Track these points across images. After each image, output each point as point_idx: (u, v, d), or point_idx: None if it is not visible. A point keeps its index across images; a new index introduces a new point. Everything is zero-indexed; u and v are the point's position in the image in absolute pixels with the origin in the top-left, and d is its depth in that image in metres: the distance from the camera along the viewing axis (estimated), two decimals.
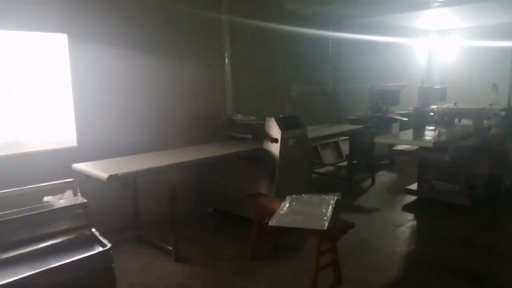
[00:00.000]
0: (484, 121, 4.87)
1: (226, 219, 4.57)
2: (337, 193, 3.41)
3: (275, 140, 4.13)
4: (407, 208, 4.91)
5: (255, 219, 3.63)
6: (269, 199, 3.68)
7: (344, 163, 7.03)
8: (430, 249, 3.77)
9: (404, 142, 4.54)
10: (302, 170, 4.39)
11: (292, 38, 6.48)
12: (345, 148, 7.11)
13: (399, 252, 3.75)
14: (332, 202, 3.26)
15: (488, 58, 8.88)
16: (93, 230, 2.67)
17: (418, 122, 5.17)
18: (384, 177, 6.35)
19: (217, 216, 4.73)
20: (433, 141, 4.02)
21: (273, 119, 4.20)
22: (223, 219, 4.60)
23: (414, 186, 5.19)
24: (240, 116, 4.92)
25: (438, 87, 8.04)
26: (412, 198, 5.17)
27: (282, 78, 6.53)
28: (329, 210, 3.07)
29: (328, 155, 7.16)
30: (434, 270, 3.35)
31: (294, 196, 3.45)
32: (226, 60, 5.34)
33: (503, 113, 4.91)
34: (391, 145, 4.76)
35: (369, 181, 6.02)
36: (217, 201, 4.80)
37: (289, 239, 3.76)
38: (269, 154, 4.18)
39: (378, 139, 4.76)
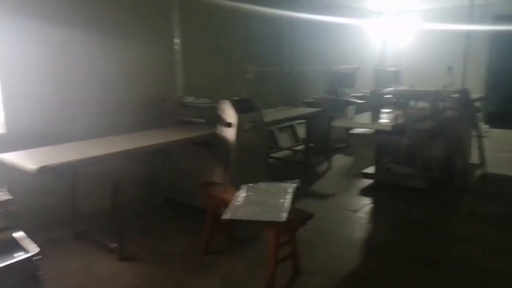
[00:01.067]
0: (439, 104, 4.87)
1: (178, 210, 4.27)
2: (296, 181, 3.22)
3: (230, 125, 3.86)
4: (364, 192, 4.85)
5: (208, 210, 3.37)
6: (224, 188, 3.42)
7: (301, 147, 6.93)
8: (388, 234, 3.71)
9: (363, 126, 4.44)
10: (259, 156, 4.16)
11: (247, 17, 6.16)
12: (301, 131, 6.99)
13: (357, 239, 3.65)
14: (290, 190, 3.06)
15: (443, 40, 9.05)
16: (17, 233, 2.29)
17: (374, 105, 5.09)
18: (340, 160, 6.29)
19: (168, 207, 4.41)
20: (391, 124, 3.92)
21: (227, 102, 3.91)
22: (175, 210, 4.29)
23: (370, 170, 5.14)
24: (191, 98, 4.58)
25: (392, 69, 8.10)
26: (369, 181, 5.12)
27: (237, 59, 6.22)
28: (287, 200, 2.86)
29: (284, 139, 7.00)
30: (393, 257, 3.27)
31: (251, 185, 3.21)
32: (176, 39, 4.94)
33: (457, 95, 4.93)
34: (348, 128, 4.64)
35: (325, 165, 5.93)
36: (168, 191, 4.48)
37: (245, 230, 3.54)
38: (223, 140, 3.90)
39: (336, 123, 4.63)
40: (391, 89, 5.28)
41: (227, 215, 2.73)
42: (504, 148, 6.51)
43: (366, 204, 4.47)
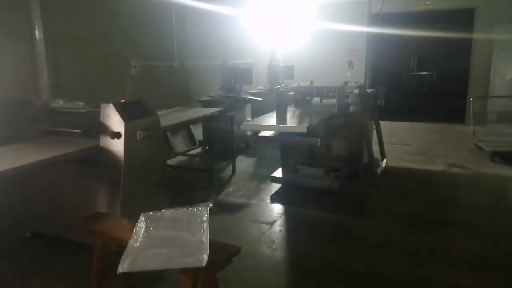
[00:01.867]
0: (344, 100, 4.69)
1: (51, 248, 3.29)
2: (209, 202, 2.58)
3: (117, 135, 3.03)
4: (275, 198, 4.43)
5: (95, 250, 2.53)
6: (114, 220, 2.62)
7: (199, 151, 6.30)
8: (310, 249, 3.32)
9: (277, 128, 3.97)
10: (156, 173, 3.40)
11: (131, 3, 5.26)
12: (197, 132, 6.36)
13: (279, 259, 3.18)
14: (205, 217, 2.42)
15: (329, 37, 9.22)
16: None
17: (279, 103, 4.71)
18: (243, 162, 5.81)
19: (38, 243, 3.38)
20: (307, 126, 3.54)
21: (111, 105, 3.07)
22: (47, 248, 3.29)
23: (278, 173, 4.76)
24: (62, 102, 3.59)
25: (285, 65, 7.91)
26: (278, 185, 4.74)
27: (120, 52, 5.28)
28: (204, 232, 2.22)
29: (179, 143, 6.28)
30: (323, 277, 2.87)
31: (151, 213, 2.48)
32: (36, 28, 3.86)
33: (357, 90, 4.82)
34: (256, 131, 4.16)
35: (229, 170, 5.39)
36: (37, 223, 3.44)
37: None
38: (109, 155, 3.06)
39: (245, 126, 4.08)
40: (294, 85, 4.96)
41: (124, 267, 1.97)
42: (391, 140, 6.78)
43: (280, 213, 4.05)
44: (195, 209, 2.51)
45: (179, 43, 6.34)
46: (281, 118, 4.27)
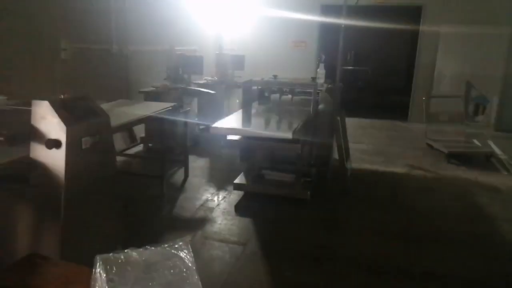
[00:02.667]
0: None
1: None
2: (187, 237, 1.97)
3: (56, 144, 2.26)
4: (242, 210, 3.88)
5: None
6: (54, 267, 1.90)
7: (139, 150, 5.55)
8: (295, 276, 2.85)
9: (258, 134, 3.37)
10: (108, 192, 2.66)
11: None
12: (137, 128, 5.55)
13: None
14: (187, 259, 1.81)
15: (279, 27, 8.77)
16: None
17: (246, 100, 4.15)
18: (195, 163, 5.16)
19: None
20: (292, 131, 3.03)
21: (47, 103, 2.28)
22: None
23: (241, 179, 4.20)
24: None
25: (235, 54, 7.33)
26: (241, 193, 4.20)
27: (46, 29, 4.32)
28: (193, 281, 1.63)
29: (116, 140, 5.43)
30: None
31: (111, 255, 1.80)
32: None
33: (328, 86, 4.44)
34: (225, 134, 3.56)
35: (181, 173, 4.72)
36: None
37: None
38: (44, 170, 2.28)
39: (216, 129, 3.43)
40: (258, 79, 4.42)
41: None
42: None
43: (251, 230, 3.51)
44: (171, 248, 1.89)
45: (118, 24, 5.43)
46: (256, 121, 3.71)
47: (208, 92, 5.63)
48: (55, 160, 2.29)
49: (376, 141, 6.88)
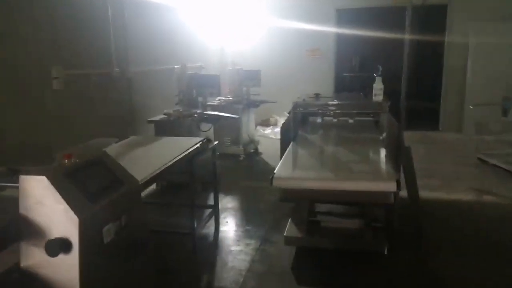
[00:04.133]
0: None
1: None
2: None
3: (63, 246, 1.37)
4: (304, 277, 2.96)
5: None
6: None
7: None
8: None
9: (346, 184, 2.42)
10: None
11: None
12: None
13: None
14: None
15: (290, 37, 7.96)
16: None
17: (293, 130, 3.28)
18: (223, 203, 4.26)
19: None
20: (396, 180, 2.18)
21: (45, 180, 1.39)
22: None
23: (293, 230, 3.29)
24: None
25: (250, 69, 6.48)
26: (293, 249, 3.29)
27: (36, 56, 3.45)
28: None
29: None
30: None
31: None
32: None
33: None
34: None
35: (211, 227, 3.79)
36: None
37: None
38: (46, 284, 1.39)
39: (281, 181, 2.52)
40: (300, 100, 3.56)
41: None
42: None
43: None
44: None
45: (118, 44, 4.56)
46: (326, 161, 2.83)
47: (231, 117, 4.75)
48: (63, 270, 1.40)
49: (417, 157, 6.02)
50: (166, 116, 4.66)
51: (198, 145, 3.17)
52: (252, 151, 6.31)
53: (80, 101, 4.00)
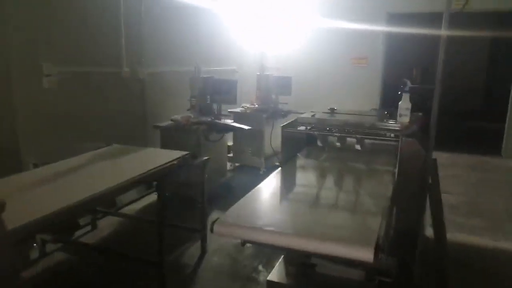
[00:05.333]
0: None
1: None
2: None
3: None
4: None
5: None
6: None
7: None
8: None
9: (302, 244, 1.86)
10: None
11: None
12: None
13: None
14: None
15: (331, 41, 7.32)
16: None
17: (286, 153, 2.73)
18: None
19: None
20: (373, 250, 1.58)
21: None
22: None
23: (278, 274, 2.73)
24: None
25: (280, 75, 5.96)
26: None
27: (25, 50, 3.24)
28: None
29: None
30: None
31: None
32: None
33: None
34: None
35: (196, 248, 3.34)
36: None
37: None
38: None
39: (223, 228, 1.99)
40: (306, 116, 3.00)
41: None
42: None
43: None
44: None
45: (130, 41, 4.29)
46: (300, 208, 2.26)
47: (241, 127, 4.28)
48: None
49: (466, 189, 5.14)
50: (172, 121, 4.30)
51: (174, 161, 2.74)
52: (276, 164, 5.78)
53: (77, 102, 3.76)
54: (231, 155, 5.63)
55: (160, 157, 2.84)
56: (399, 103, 2.90)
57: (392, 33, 7.31)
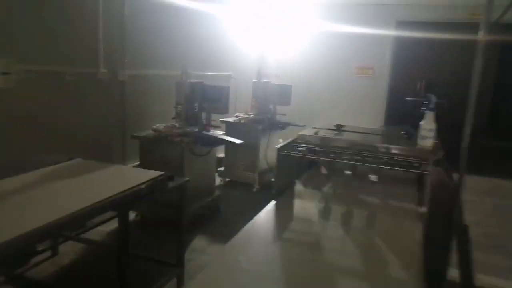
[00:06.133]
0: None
1: None
2: None
3: None
4: None
5: None
6: None
7: None
8: None
9: None
10: None
11: None
12: None
13: None
14: None
15: (334, 48, 6.82)
16: None
17: (278, 188, 2.19)
18: (202, 257, 3.25)
19: None
20: None
21: None
22: None
23: None
24: None
25: (279, 84, 5.46)
26: None
27: None
28: None
29: None
30: None
31: None
32: None
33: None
34: None
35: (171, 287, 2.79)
36: None
37: None
38: None
39: None
40: (309, 135, 2.47)
41: None
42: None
43: None
44: None
45: (109, 39, 3.77)
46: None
47: (232, 141, 3.74)
48: None
49: (483, 218, 4.58)
50: (154, 131, 3.76)
51: (143, 185, 2.19)
52: (271, 180, 5.24)
53: (40, 105, 3.22)
54: (221, 168, 5.09)
55: (127, 178, 2.30)
56: (421, 122, 2.38)
57: (401, 43, 6.83)
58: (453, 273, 2.61)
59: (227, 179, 5.10)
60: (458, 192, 2.12)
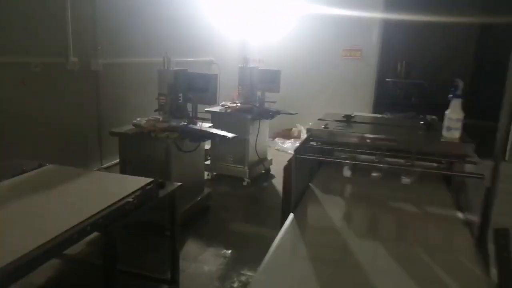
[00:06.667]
0: None
1: None
2: None
3: None
4: None
5: None
6: None
7: None
8: None
9: None
10: None
11: None
12: None
13: None
14: None
15: (322, 31, 6.49)
16: None
17: (286, 205, 1.85)
18: (194, 267, 2.92)
19: None
20: None
21: None
22: None
23: None
24: None
25: (267, 69, 5.11)
26: None
27: None
28: None
29: None
30: None
31: None
32: None
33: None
34: None
35: None
36: None
37: None
38: None
39: None
40: (318, 129, 2.16)
41: None
42: None
43: None
44: None
45: (80, 25, 3.32)
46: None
47: (225, 136, 3.39)
48: None
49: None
50: (135, 127, 3.36)
51: (130, 197, 1.84)
52: (262, 172, 4.94)
53: (1, 101, 2.79)
54: (208, 162, 4.74)
55: (111, 188, 1.94)
56: (447, 112, 2.10)
57: (389, 23, 6.57)
58: None
59: (215, 173, 4.76)
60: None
